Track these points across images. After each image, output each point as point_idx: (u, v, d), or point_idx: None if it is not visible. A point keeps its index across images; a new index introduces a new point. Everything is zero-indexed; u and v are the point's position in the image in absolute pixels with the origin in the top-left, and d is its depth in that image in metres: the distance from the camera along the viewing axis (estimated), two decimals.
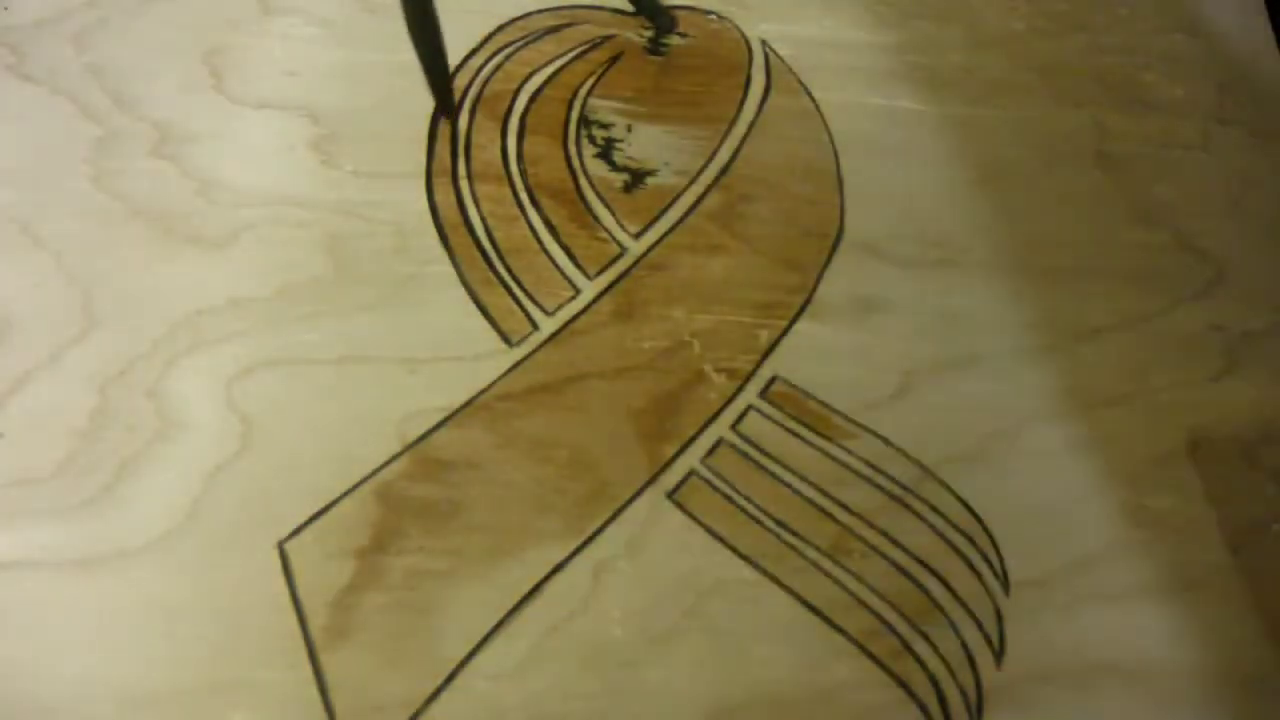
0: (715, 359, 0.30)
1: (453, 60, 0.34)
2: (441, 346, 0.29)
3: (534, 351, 0.29)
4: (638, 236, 0.32)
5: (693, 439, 0.29)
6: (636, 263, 0.31)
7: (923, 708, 0.26)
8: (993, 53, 0.37)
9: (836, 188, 0.33)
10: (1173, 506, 0.29)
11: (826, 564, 0.27)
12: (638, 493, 0.28)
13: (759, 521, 0.28)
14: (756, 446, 0.29)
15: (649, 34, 0.36)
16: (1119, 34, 0.37)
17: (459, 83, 0.34)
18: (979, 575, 0.27)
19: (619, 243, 0.32)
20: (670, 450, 0.28)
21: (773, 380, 0.30)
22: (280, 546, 0.26)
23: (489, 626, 0.26)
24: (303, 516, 0.26)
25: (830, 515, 0.28)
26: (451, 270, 0.30)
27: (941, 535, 0.28)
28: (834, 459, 0.29)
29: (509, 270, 0.30)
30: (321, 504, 0.27)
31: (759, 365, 0.30)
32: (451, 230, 0.31)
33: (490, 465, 0.28)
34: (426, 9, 0.26)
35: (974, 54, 0.37)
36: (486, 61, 0.34)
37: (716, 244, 0.32)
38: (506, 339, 0.30)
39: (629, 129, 0.34)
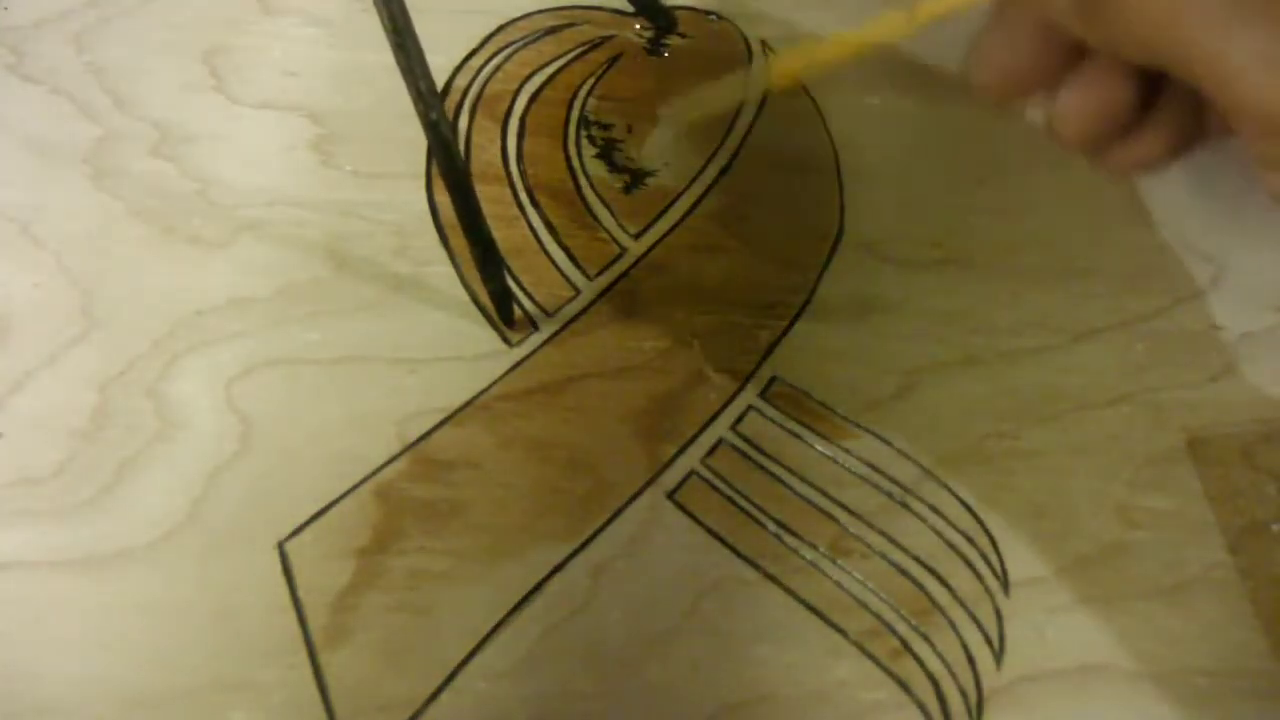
0: (715, 359, 0.30)
1: (453, 60, 0.34)
2: (441, 346, 0.29)
3: (534, 351, 0.29)
4: (638, 237, 0.32)
5: (693, 439, 0.29)
6: (636, 263, 0.31)
7: (922, 708, 0.26)
8: None
9: (836, 188, 0.33)
10: (1173, 506, 0.29)
11: (826, 564, 0.27)
12: (638, 493, 0.28)
13: (759, 521, 0.28)
14: (756, 446, 0.29)
15: (649, 34, 0.36)
16: None
17: (459, 83, 0.34)
18: (979, 575, 0.27)
19: (619, 243, 0.32)
20: (670, 450, 0.28)
21: (773, 380, 0.30)
22: (280, 546, 0.26)
23: (489, 626, 0.26)
24: (303, 516, 0.26)
25: (830, 515, 0.28)
26: (451, 270, 0.30)
27: (941, 535, 0.28)
28: (834, 459, 0.29)
29: (509, 270, 0.30)
30: (321, 504, 0.27)
31: (759, 365, 0.30)
32: (451, 230, 0.31)
33: (490, 465, 0.28)
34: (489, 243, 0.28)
35: None
36: (486, 62, 0.34)
37: (716, 244, 0.32)
38: (506, 339, 0.30)
39: (629, 129, 0.34)
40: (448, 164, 0.26)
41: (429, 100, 0.24)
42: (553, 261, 0.31)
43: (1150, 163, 0.21)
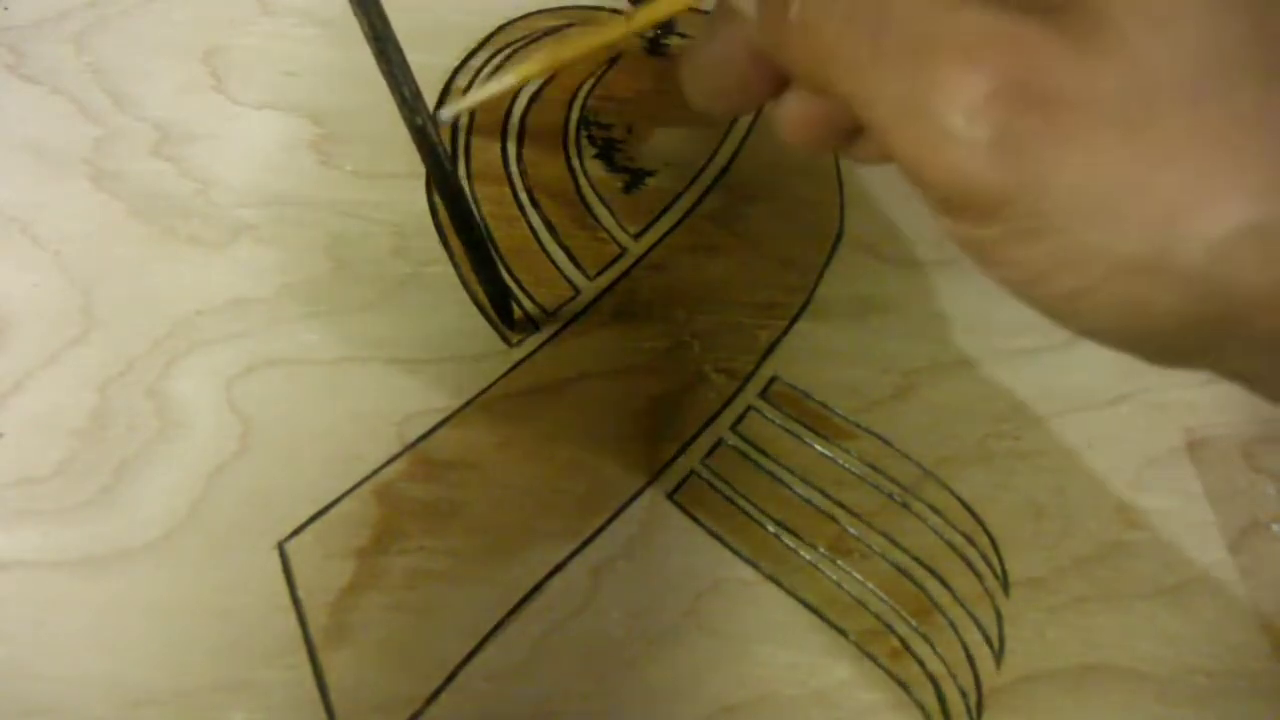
0: (715, 359, 0.30)
1: (452, 60, 0.34)
2: (441, 346, 0.29)
3: (534, 351, 0.29)
4: (638, 237, 0.32)
5: (693, 439, 0.29)
6: (636, 263, 0.31)
7: (922, 708, 0.26)
8: None
9: (836, 188, 0.33)
10: (1172, 506, 0.29)
11: (826, 564, 0.27)
12: (638, 493, 0.28)
13: (759, 521, 0.28)
14: (756, 446, 0.29)
15: (649, 34, 0.36)
16: None
17: (459, 83, 0.34)
18: (979, 575, 0.27)
19: (619, 243, 0.32)
20: (670, 450, 0.28)
21: (773, 380, 0.30)
22: (280, 546, 0.26)
23: (489, 626, 0.26)
24: (303, 516, 0.26)
25: (830, 515, 0.28)
26: (451, 270, 0.30)
27: (941, 535, 0.28)
28: (834, 459, 0.29)
29: (509, 270, 0.30)
30: (321, 504, 0.27)
31: (759, 365, 0.30)
32: (451, 230, 0.31)
33: (490, 465, 0.28)
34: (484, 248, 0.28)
35: None
36: (486, 62, 0.34)
37: (716, 244, 0.32)
38: (506, 339, 0.30)
39: (629, 130, 0.34)
40: (435, 168, 0.26)
41: (414, 105, 0.25)
42: (553, 261, 0.31)
43: (878, 163, 0.21)
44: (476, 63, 0.34)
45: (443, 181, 0.26)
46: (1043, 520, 0.28)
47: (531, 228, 0.31)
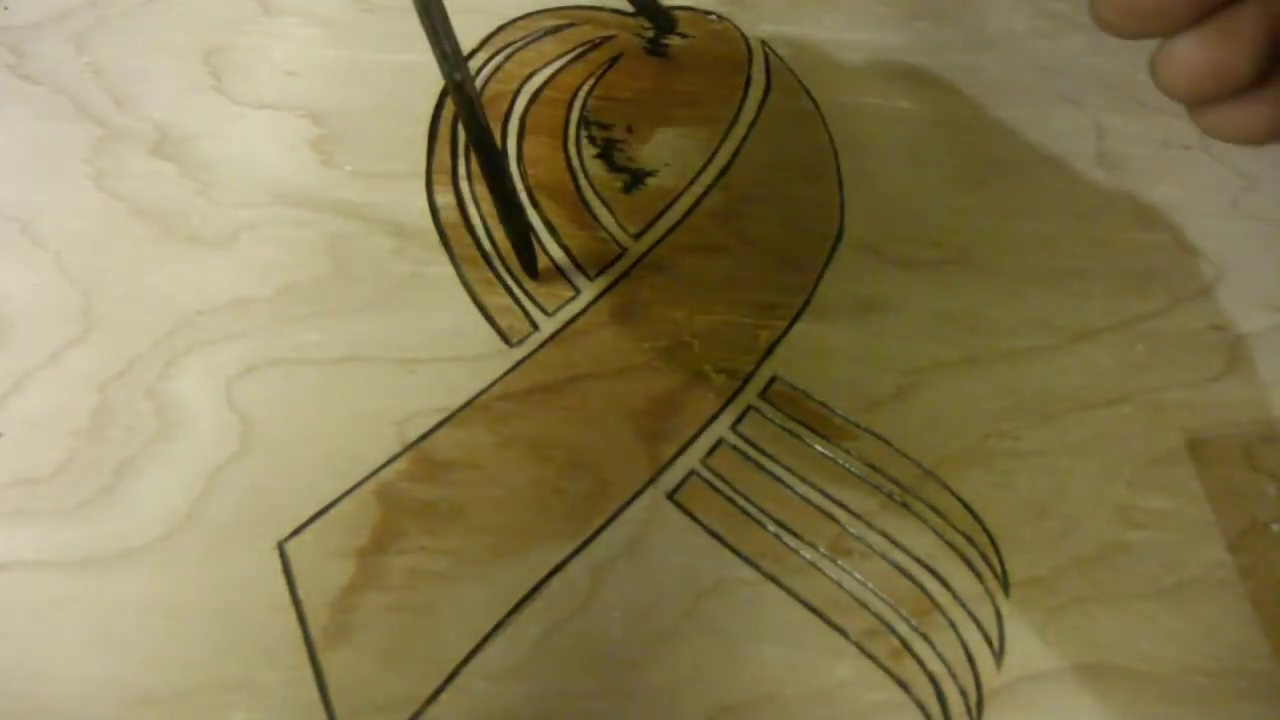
0: (715, 359, 0.30)
1: None
2: (441, 346, 0.29)
3: (534, 351, 0.29)
4: (638, 237, 0.32)
5: (693, 439, 0.29)
6: (636, 263, 0.31)
7: (922, 708, 0.26)
8: (993, 53, 0.37)
9: (836, 188, 0.33)
10: (1172, 506, 0.29)
11: (826, 564, 0.27)
12: (638, 493, 0.28)
13: (759, 521, 0.28)
14: (756, 446, 0.29)
15: (649, 34, 0.36)
16: None
17: None
18: (979, 575, 0.27)
19: (619, 243, 0.32)
20: (670, 450, 0.28)
21: (773, 380, 0.30)
22: (280, 546, 0.26)
23: (489, 626, 0.26)
24: (303, 516, 0.26)
25: (830, 515, 0.28)
26: (451, 270, 0.30)
27: (941, 535, 0.28)
28: (834, 459, 0.29)
29: (509, 270, 0.30)
30: (321, 504, 0.27)
31: (759, 365, 0.30)
32: (451, 230, 0.31)
33: (490, 465, 0.28)
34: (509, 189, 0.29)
35: (974, 54, 0.37)
36: (487, 62, 0.34)
37: (716, 244, 0.32)
38: (506, 339, 0.30)
39: (629, 129, 0.34)
40: (471, 123, 0.26)
41: (454, 61, 0.25)
42: (553, 261, 0.31)
43: (1245, 136, 0.20)
44: (476, 63, 0.34)
45: (479, 137, 0.27)
46: (1043, 520, 0.28)
47: (531, 228, 0.31)
